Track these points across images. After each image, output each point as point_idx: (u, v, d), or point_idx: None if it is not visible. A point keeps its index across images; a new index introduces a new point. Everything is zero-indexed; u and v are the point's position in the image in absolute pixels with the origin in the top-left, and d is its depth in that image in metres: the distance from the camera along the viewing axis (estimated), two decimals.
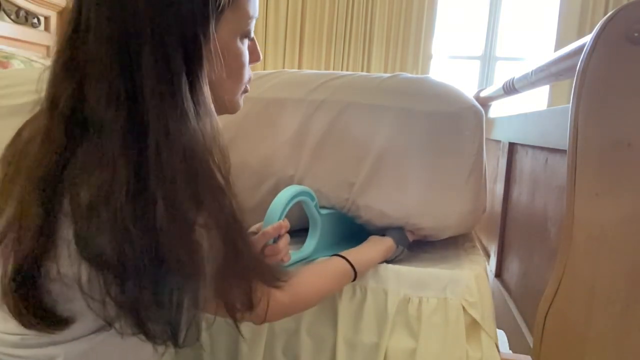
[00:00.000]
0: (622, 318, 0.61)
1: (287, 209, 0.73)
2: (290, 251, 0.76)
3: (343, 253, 0.75)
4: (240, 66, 0.58)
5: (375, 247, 0.82)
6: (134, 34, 0.45)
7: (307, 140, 0.87)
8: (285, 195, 0.73)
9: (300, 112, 0.87)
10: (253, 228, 0.75)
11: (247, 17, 0.56)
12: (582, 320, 0.62)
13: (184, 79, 0.47)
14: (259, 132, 0.89)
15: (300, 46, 3.48)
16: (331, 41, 3.41)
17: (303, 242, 0.84)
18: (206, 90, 0.50)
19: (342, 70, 3.40)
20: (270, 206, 0.71)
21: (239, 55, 0.57)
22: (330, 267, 0.74)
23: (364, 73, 0.93)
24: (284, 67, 3.44)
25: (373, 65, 3.37)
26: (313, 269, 0.73)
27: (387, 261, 0.84)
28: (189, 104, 0.47)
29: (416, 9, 3.30)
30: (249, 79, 0.61)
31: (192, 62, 0.48)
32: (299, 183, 0.87)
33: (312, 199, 0.80)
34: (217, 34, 0.51)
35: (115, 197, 0.42)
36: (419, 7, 3.30)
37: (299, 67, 3.45)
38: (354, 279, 0.75)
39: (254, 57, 0.61)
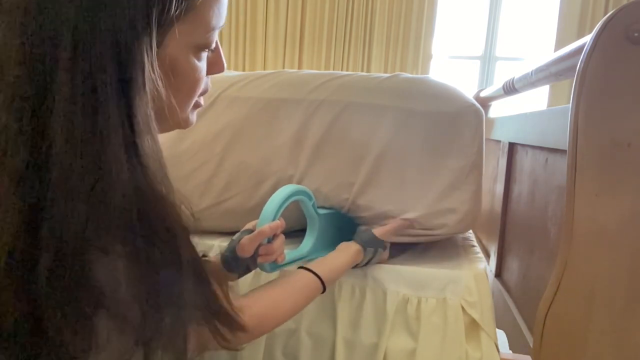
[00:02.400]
0: (622, 318, 0.61)
1: (283, 208, 0.72)
2: (286, 250, 0.76)
3: (308, 265, 0.73)
4: (193, 83, 0.49)
5: (341, 254, 0.79)
6: (50, 41, 0.37)
7: (306, 140, 0.87)
8: (281, 194, 0.73)
9: (300, 112, 0.87)
10: (248, 225, 0.75)
11: (207, 30, 0.47)
12: (582, 320, 0.62)
13: (114, 100, 0.39)
14: (259, 132, 0.89)
15: (300, 46, 3.48)
16: (331, 41, 3.41)
17: (301, 242, 0.84)
18: (143, 115, 0.41)
19: (342, 70, 3.40)
20: (266, 205, 0.71)
21: (191, 71, 0.48)
22: (295, 283, 0.70)
23: (364, 73, 0.93)
24: (284, 67, 3.44)
25: (373, 65, 3.37)
26: (277, 288, 0.68)
27: (362, 265, 0.82)
28: (117, 138, 0.38)
29: (416, 9, 3.31)
30: (204, 91, 0.53)
31: (127, 82, 0.39)
32: (299, 183, 0.87)
33: (310, 198, 0.80)
34: (163, 48, 0.43)
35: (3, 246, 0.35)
36: (419, 7, 3.30)
37: (299, 67, 3.46)
38: (323, 291, 0.72)
39: (216, 68, 0.53)
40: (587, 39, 0.60)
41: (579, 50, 0.63)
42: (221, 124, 0.89)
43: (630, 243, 0.60)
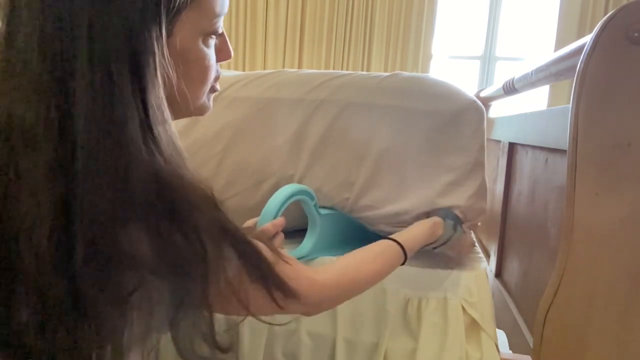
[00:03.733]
0: (622, 318, 0.61)
1: (284, 208, 0.72)
2: (286, 250, 0.76)
3: (391, 236, 0.73)
4: (204, 69, 0.51)
5: (419, 224, 0.79)
6: (68, 34, 0.39)
7: (307, 140, 0.87)
8: (282, 193, 0.73)
9: (300, 112, 0.87)
10: (248, 222, 0.75)
11: (212, 16, 0.49)
12: (582, 320, 0.62)
13: (129, 88, 0.40)
14: (259, 131, 0.89)
15: (300, 46, 3.48)
16: (331, 41, 3.42)
17: (301, 242, 0.84)
18: (157, 101, 0.43)
19: (342, 70, 3.40)
20: (267, 204, 0.71)
21: (201, 58, 0.50)
22: (378, 248, 0.70)
23: (364, 72, 0.93)
24: (283, 67, 3.44)
25: (373, 65, 3.37)
26: (360, 251, 0.69)
27: (441, 243, 0.82)
28: (134, 123, 0.40)
29: (416, 9, 3.31)
30: (217, 77, 0.56)
31: (140, 70, 0.41)
32: (299, 182, 0.87)
33: (312, 198, 0.80)
34: (174, 37, 0.45)
35: (36, 236, 0.37)
36: (419, 7, 3.30)
37: (299, 66, 3.45)
38: (404, 260, 0.71)
39: (223, 55, 0.55)
40: (587, 39, 0.60)
41: (579, 50, 0.63)
42: (221, 123, 0.89)
43: (630, 243, 0.60)
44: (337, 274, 0.62)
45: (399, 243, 0.71)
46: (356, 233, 0.92)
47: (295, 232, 0.91)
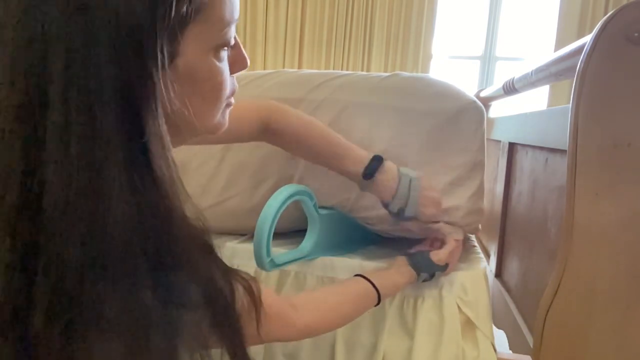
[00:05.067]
0: (622, 318, 0.61)
1: (284, 208, 0.72)
2: (286, 250, 0.76)
3: (369, 276, 0.71)
4: (217, 86, 0.44)
5: (399, 277, 0.75)
6: (41, 62, 0.33)
7: None
8: (282, 194, 0.72)
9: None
10: None
11: (222, 26, 0.41)
12: (582, 320, 0.62)
13: (113, 125, 0.34)
14: None
15: (300, 46, 3.48)
16: (331, 41, 3.42)
17: (301, 242, 0.84)
18: (156, 133, 0.36)
19: (342, 70, 3.40)
20: (267, 204, 0.71)
21: (213, 75, 0.43)
22: (352, 290, 0.68)
23: (364, 72, 0.93)
24: (284, 67, 3.44)
25: (373, 65, 3.37)
26: (334, 291, 0.68)
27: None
28: (118, 164, 0.34)
29: (416, 9, 3.31)
30: (233, 91, 0.48)
31: (133, 103, 0.35)
32: (299, 182, 0.87)
33: (312, 198, 0.80)
34: (178, 57, 0.39)
35: None
36: (419, 7, 3.30)
37: (299, 67, 3.46)
38: (377, 304, 0.70)
39: (239, 65, 0.48)
40: (587, 39, 0.60)
41: (579, 50, 0.63)
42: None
43: (630, 243, 0.60)
44: (318, 318, 0.62)
45: (378, 293, 0.69)
46: (356, 233, 0.92)
47: (295, 232, 0.91)
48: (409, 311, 0.81)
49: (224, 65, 0.45)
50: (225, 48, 0.44)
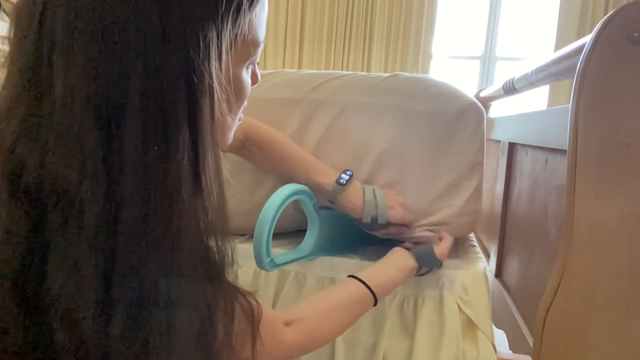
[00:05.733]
0: (622, 318, 0.61)
1: (283, 207, 0.72)
2: (285, 250, 0.76)
3: (360, 275, 0.69)
4: (243, 99, 0.47)
5: (396, 269, 0.74)
6: (118, 77, 0.33)
7: (306, 140, 0.87)
8: (281, 193, 0.72)
9: (300, 112, 0.87)
10: None
11: (258, 43, 0.45)
12: (582, 320, 0.62)
13: (185, 135, 0.35)
14: None
15: (300, 46, 3.48)
16: (331, 41, 3.42)
17: (301, 242, 0.84)
18: (214, 147, 0.39)
19: (342, 70, 3.40)
20: (266, 204, 0.70)
21: (245, 88, 0.46)
22: (346, 296, 0.66)
23: (364, 73, 0.93)
24: (283, 67, 3.44)
25: (373, 65, 3.37)
26: (327, 301, 0.65)
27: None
28: (185, 175, 0.35)
29: (416, 9, 3.31)
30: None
31: (197, 111, 0.36)
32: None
33: (311, 198, 0.79)
34: (229, 70, 0.41)
35: (77, 313, 0.33)
36: (419, 7, 3.30)
37: (299, 67, 3.46)
38: (375, 305, 0.69)
39: (254, 81, 0.50)
40: (587, 39, 0.60)
41: (579, 50, 0.63)
42: None
43: (630, 243, 0.60)
44: (310, 332, 0.60)
45: (373, 293, 0.67)
46: (357, 232, 0.92)
47: (295, 232, 0.91)
48: (409, 311, 0.81)
49: (250, 81, 0.47)
50: (252, 66, 0.47)
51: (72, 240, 0.33)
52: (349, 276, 0.70)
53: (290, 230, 0.93)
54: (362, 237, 0.92)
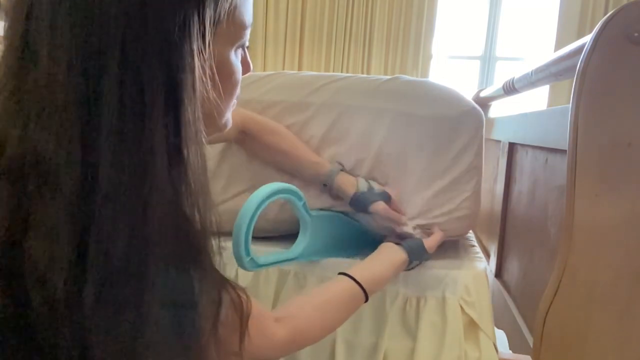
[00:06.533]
0: (622, 318, 0.61)
1: (264, 206, 0.68)
2: (273, 251, 0.75)
3: (350, 271, 0.69)
4: (234, 84, 0.47)
5: (387, 263, 0.75)
6: (97, 51, 0.34)
7: (306, 143, 0.87)
8: (262, 192, 0.67)
9: (300, 114, 0.87)
10: None
11: (244, 27, 0.45)
12: (582, 320, 0.62)
13: (161, 110, 0.36)
14: None
15: (300, 46, 3.48)
16: (331, 41, 3.42)
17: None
18: (195, 123, 0.39)
19: (342, 70, 3.40)
20: (245, 202, 0.66)
21: (233, 72, 0.46)
22: (336, 294, 0.66)
23: (364, 75, 0.93)
24: (283, 68, 3.44)
25: (373, 65, 3.37)
26: (316, 298, 0.65)
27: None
28: (160, 148, 0.36)
29: (416, 9, 3.31)
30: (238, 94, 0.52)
31: (177, 88, 0.37)
32: (299, 184, 0.86)
33: (300, 198, 0.76)
34: (212, 50, 0.41)
35: (50, 282, 0.34)
36: (419, 7, 3.30)
37: (299, 67, 3.46)
38: (365, 301, 0.69)
39: (245, 68, 0.50)
40: (587, 39, 0.60)
41: (579, 50, 0.63)
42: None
43: (630, 243, 0.60)
44: (300, 330, 0.60)
45: (363, 290, 0.67)
46: (352, 235, 0.92)
47: (294, 235, 0.91)
48: (411, 312, 0.81)
49: (239, 65, 0.47)
50: (240, 49, 0.47)
51: (49, 208, 0.34)
52: (339, 273, 0.69)
53: (289, 234, 0.93)
54: (359, 239, 0.92)
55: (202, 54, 0.39)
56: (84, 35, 0.34)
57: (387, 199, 0.82)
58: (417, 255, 0.78)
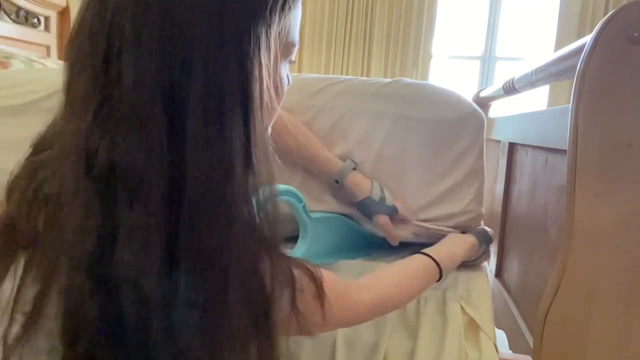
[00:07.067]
0: (622, 318, 0.61)
1: None
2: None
3: (425, 251, 0.72)
4: (282, 95, 0.50)
5: (458, 244, 0.79)
6: (181, 63, 0.37)
7: None
8: None
9: (300, 118, 0.87)
10: None
11: (294, 45, 0.49)
12: (582, 320, 0.62)
13: (239, 119, 0.39)
14: None
15: (300, 46, 3.47)
16: (331, 42, 3.41)
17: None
18: (262, 131, 0.42)
19: (342, 70, 3.40)
20: None
21: (283, 83, 0.49)
22: (414, 265, 0.69)
23: (364, 78, 0.93)
24: None
25: (373, 65, 3.37)
26: (394, 269, 0.67)
27: (469, 261, 0.82)
28: (238, 153, 0.39)
29: (416, 9, 3.30)
30: None
31: (248, 98, 0.40)
32: (299, 187, 0.86)
33: (300, 200, 0.76)
34: (275, 64, 0.44)
35: (144, 282, 0.36)
36: (419, 7, 3.30)
37: (299, 67, 3.46)
38: (439, 279, 0.71)
39: (288, 82, 0.53)
40: (587, 39, 0.60)
41: (579, 50, 0.63)
42: None
43: (630, 243, 0.60)
44: (379, 300, 0.61)
45: (438, 265, 0.70)
46: (354, 238, 0.91)
47: (294, 238, 0.91)
48: (411, 311, 0.81)
49: (286, 79, 0.51)
50: (288, 63, 0.51)
51: (139, 215, 0.36)
52: (415, 253, 0.72)
53: (289, 236, 0.92)
54: (358, 241, 0.91)
55: (269, 68, 0.42)
56: (168, 54, 0.37)
57: (393, 213, 0.82)
58: (484, 239, 0.81)
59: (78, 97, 0.39)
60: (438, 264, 0.70)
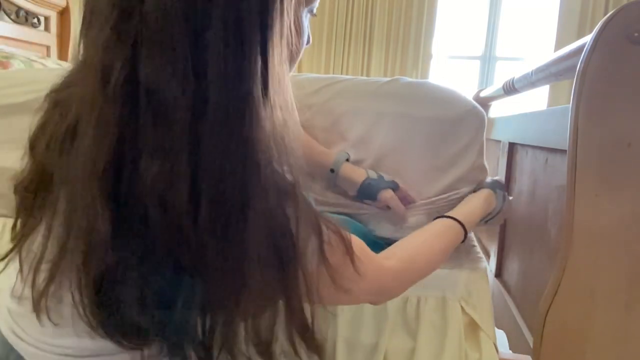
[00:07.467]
0: (622, 318, 0.61)
1: None
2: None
3: (444, 214, 0.72)
4: (302, 44, 0.51)
5: (473, 199, 0.79)
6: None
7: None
8: None
9: (300, 116, 0.87)
10: None
11: None
12: (582, 320, 0.62)
13: (257, 51, 0.40)
14: None
15: None
16: (331, 41, 3.41)
17: None
18: (280, 64, 0.43)
19: (342, 69, 3.40)
20: None
21: (304, 32, 0.51)
22: (436, 228, 0.69)
23: (364, 77, 0.93)
24: None
25: (373, 65, 3.37)
26: (422, 234, 0.67)
27: (495, 213, 0.82)
28: (258, 86, 0.40)
29: (416, 9, 3.31)
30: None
31: (267, 30, 0.41)
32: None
33: None
34: (296, 6, 0.47)
35: (172, 198, 0.37)
36: (419, 7, 3.30)
37: (299, 67, 3.46)
38: (464, 237, 0.71)
39: (309, 38, 0.55)
40: (587, 39, 0.60)
41: (579, 50, 0.63)
42: None
43: (630, 243, 0.60)
44: (407, 261, 0.61)
45: (459, 221, 0.70)
46: (358, 238, 0.91)
47: None
48: (411, 312, 0.81)
49: (308, 29, 0.52)
50: (311, 15, 0.52)
51: (165, 134, 0.37)
52: (437, 218, 0.72)
53: None
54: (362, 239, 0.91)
55: (289, 9, 0.43)
56: None
57: (396, 187, 0.83)
58: (496, 185, 0.81)
59: (98, 10, 0.40)
60: (459, 222, 0.70)
